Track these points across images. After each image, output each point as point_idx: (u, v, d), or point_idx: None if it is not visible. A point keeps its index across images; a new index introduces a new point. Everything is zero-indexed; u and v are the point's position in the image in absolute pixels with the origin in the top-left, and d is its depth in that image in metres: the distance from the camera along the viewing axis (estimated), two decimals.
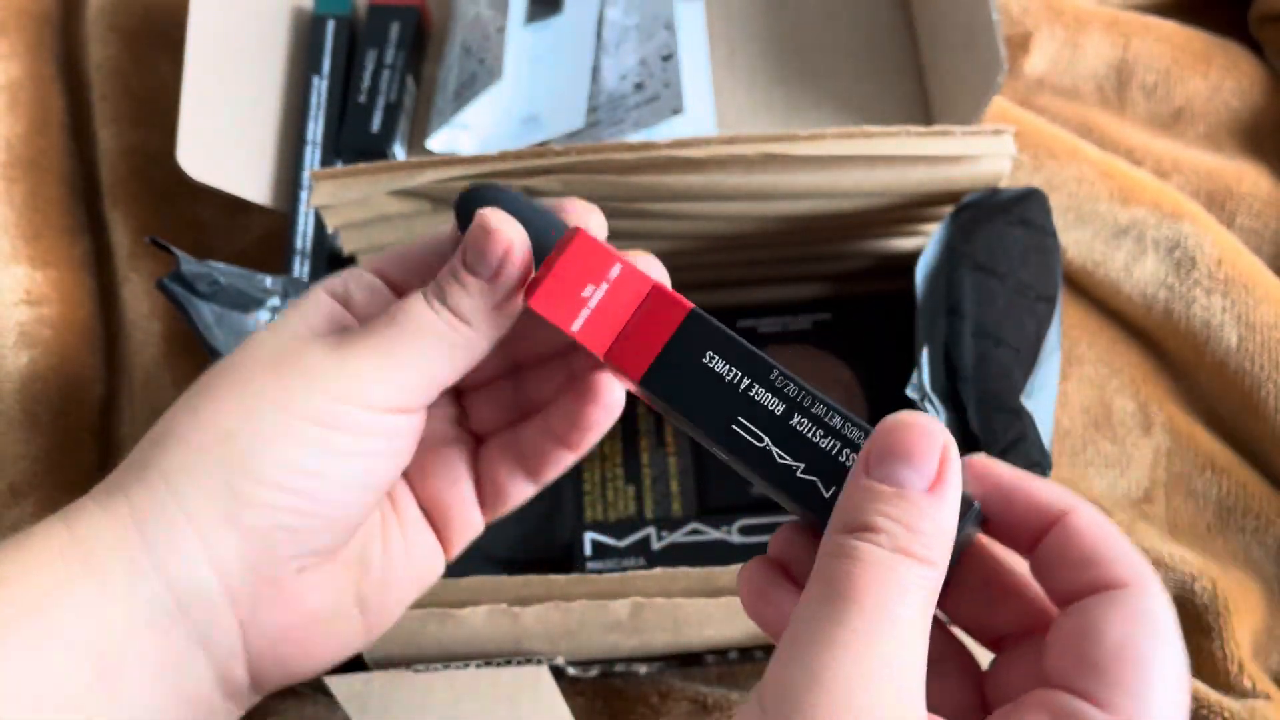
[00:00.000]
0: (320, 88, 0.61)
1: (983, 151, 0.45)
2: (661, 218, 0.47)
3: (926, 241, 0.47)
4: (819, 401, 0.26)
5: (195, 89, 0.55)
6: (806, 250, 0.52)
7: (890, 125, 0.44)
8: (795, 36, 0.63)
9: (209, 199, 0.59)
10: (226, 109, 0.57)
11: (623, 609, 0.40)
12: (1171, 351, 0.58)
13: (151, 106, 0.64)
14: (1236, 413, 0.55)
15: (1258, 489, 0.54)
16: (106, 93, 0.63)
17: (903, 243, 0.52)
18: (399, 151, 0.61)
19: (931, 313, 0.46)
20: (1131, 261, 0.58)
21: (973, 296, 0.46)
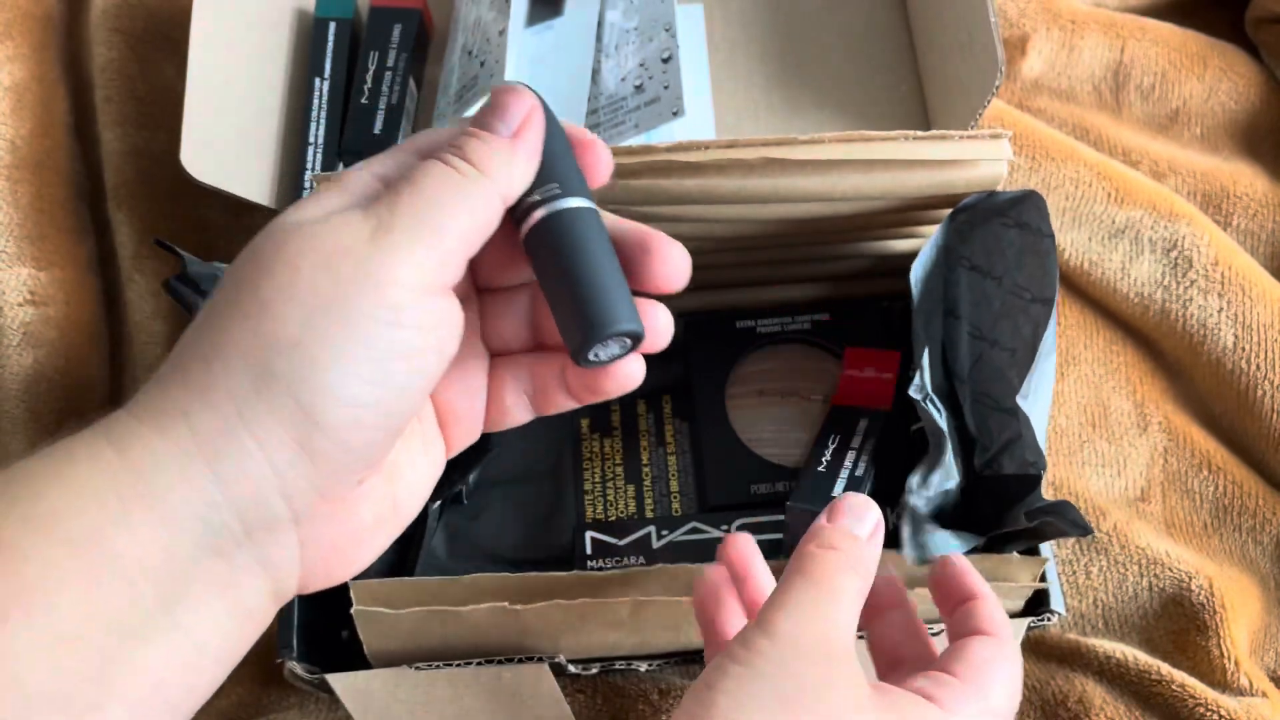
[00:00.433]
0: (322, 89, 0.61)
1: (980, 155, 0.45)
2: (661, 220, 0.48)
3: (924, 244, 0.48)
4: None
5: (199, 91, 0.55)
6: (805, 252, 0.53)
7: (888, 128, 0.44)
8: (794, 40, 0.64)
9: (213, 200, 0.60)
10: (230, 111, 0.58)
11: (623, 607, 0.40)
12: (1168, 351, 0.58)
13: (155, 108, 0.64)
14: (1233, 412, 0.56)
15: (1254, 488, 0.54)
16: (111, 95, 0.64)
17: (901, 244, 0.53)
18: None
19: (928, 314, 0.47)
20: (1128, 262, 0.58)
21: (969, 298, 0.47)
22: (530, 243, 0.30)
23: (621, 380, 0.31)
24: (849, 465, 0.47)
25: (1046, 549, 0.45)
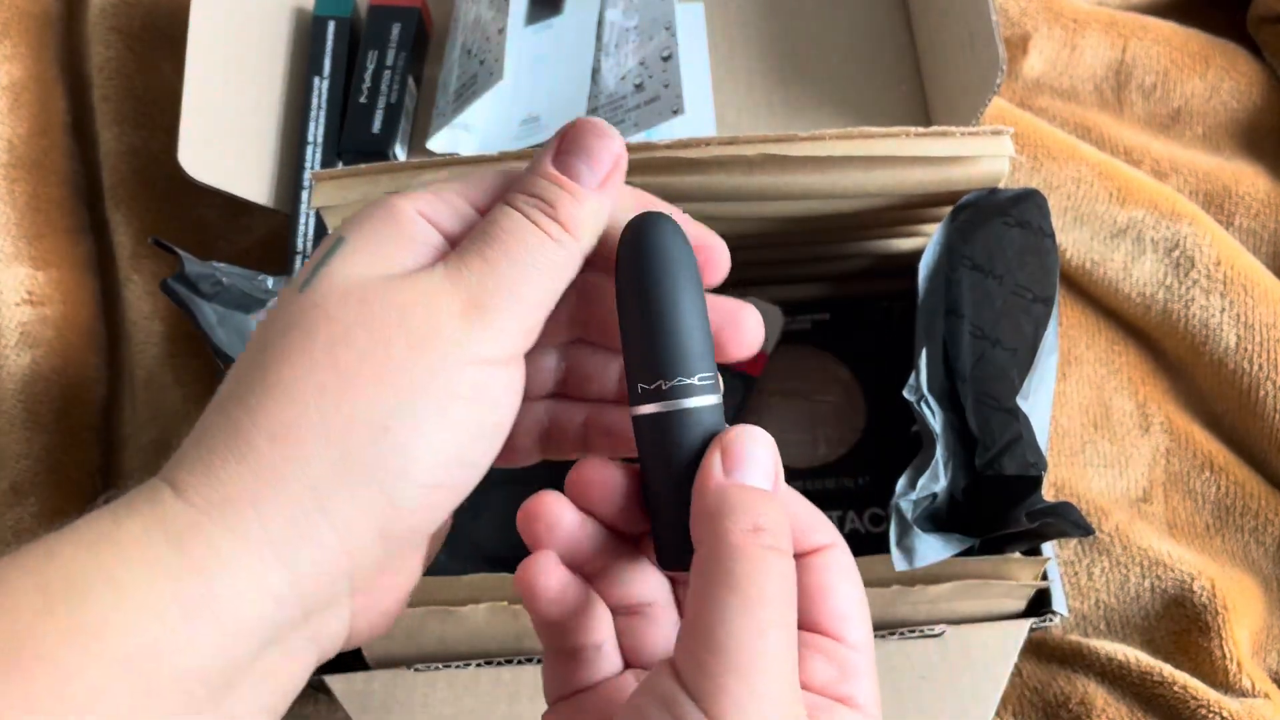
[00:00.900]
0: (321, 88, 0.61)
1: (981, 152, 0.45)
2: None
3: (926, 242, 0.48)
4: None
5: (197, 90, 0.55)
6: (806, 251, 0.52)
7: (889, 126, 0.44)
8: (795, 37, 0.63)
9: (211, 199, 0.60)
10: (228, 110, 0.58)
11: None
12: (1170, 351, 0.58)
13: (153, 107, 0.64)
14: (1235, 412, 0.56)
15: (1256, 488, 0.54)
16: (108, 94, 0.64)
17: (902, 243, 0.52)
18: (400, 152, 0.61)
19: (931, 313, 0.46)
20: (1130, 262, 0.58)
21: (970, 297, 0.46)
22: (639, 431, 0.27)
23: None
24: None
25: (1048, 549, 0.45)
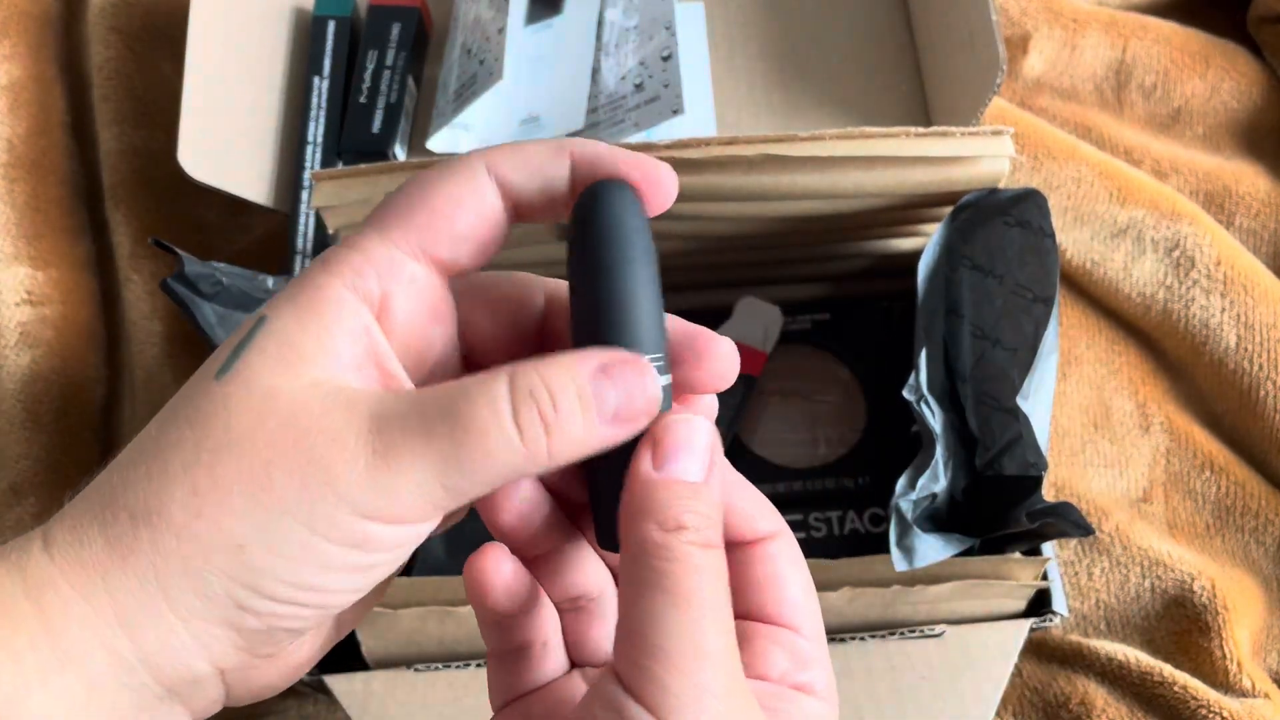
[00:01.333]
0: (321, 88, 0.61)
1: (982, 152, 0.45)
2: (661, 218, 0.47)
3: (925, 242, 0.48)
4: None
5: (196, 90, 0.55)
6: (806, 251, 0.52)
7: (889, 126, 0.44)
8: (795, 37, 0.63)
9: (210, 199, 0.60)
10: (228, 110, 0.57)
11: None
12: (1170, 351, 0.58)
13: (153, 107, 0.64)
14: (1235, 412, 0.56)
15: (1256, 488, 0.54)
16: (108, 94, 0.64)
17: (902, 243, 0.52)
18: (399, 152, 0.61)
19: (931, 313, 0.46)
20: (1130, 261, 0.58)
21: (971, 297, 0.46)
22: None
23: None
24: None
25: (1048, 549, 0.45)
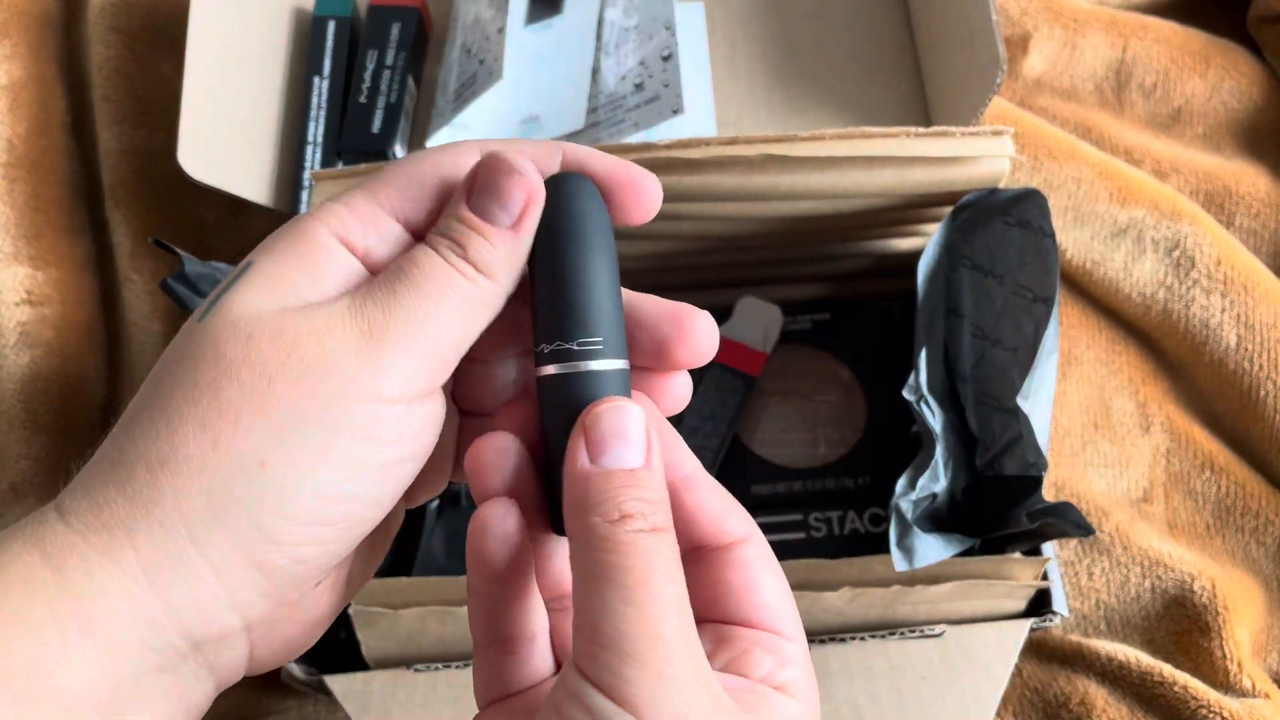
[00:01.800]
0: (321, 88, 0.61)
1: (982, 152, 0.45)
2: (661, 218, 0.47)
3: (925, 242, 0.47)
4: None
5: (196, 89, 0.55)
6: (806, 251, 0.52)
7: (890, 126, 0.44)
8: (795, 37, 0.63)
9: (210, 199, 0.60)
10: (227, 109, 0.57)
11: None
12: (1170, 351, 0.58)
13: (153, 107, 0.64)
14: (1235, 412, 0.55)
15: (1257, 488, 0.54)
16: (108, 93, 0.64)
17: (902, 243, 0.52)
18: (399, 152, 0.61)
19: (931, 313, 0.46)
20: (1130, 261, 0.58)
21: (971, 297, 0.46)
22: (541, 392, 0.26)
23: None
24: None
25: (1048, 549, 0.45)
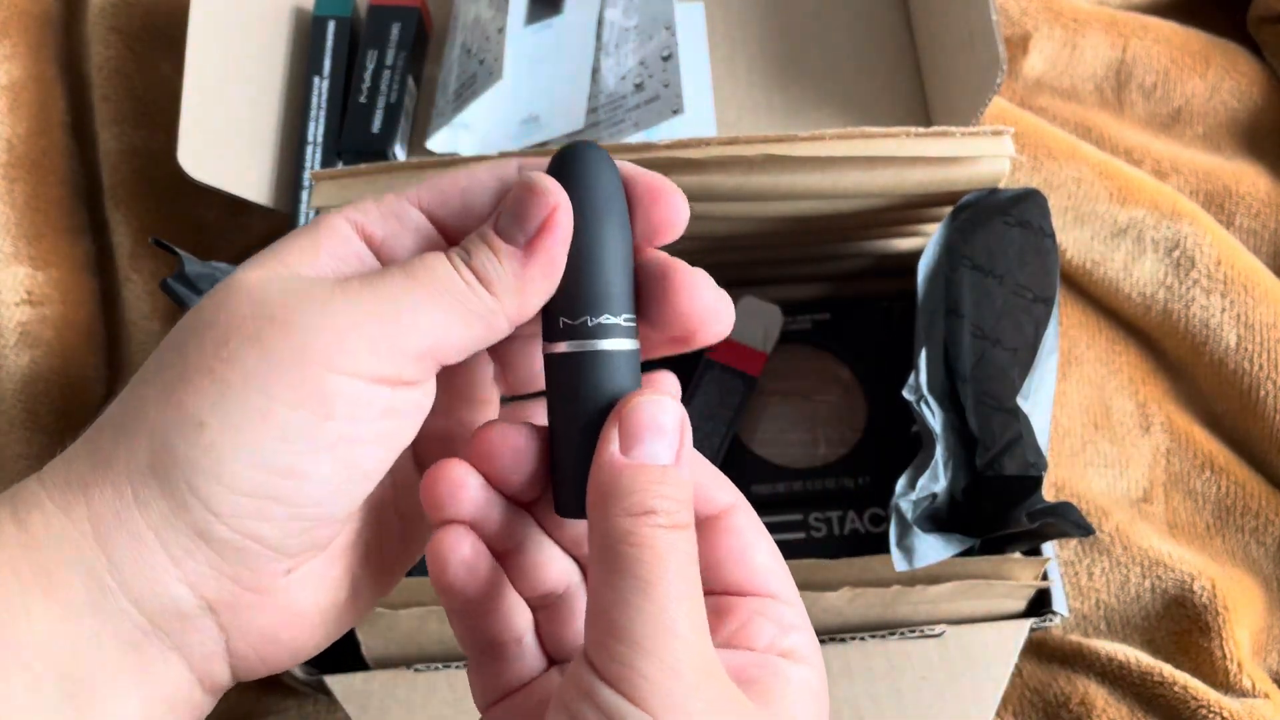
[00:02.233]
0: (321, 88, 0.61)
1: (982, 152, 0.45)
2: None
3: (925, 242, 0.47)
4: None
5: (196, 90, 0.55)
6: (806, 251, 0.52)
7: (890, 126, 0.44)
8: (795, 37, 0.63)
9: (210, 199, 0.60)
10: (227, 109, 0.57)
11: None
12: (1170, 351, 0.58)
13: (153, 107, 0.64)
14: (1235, 412, 0.55)
15: (1257, 488, 0.54)
16: (108, 93, 0.64)
17: (902, 243, 0.52)
18: (399, 152, 0.61)
19: (931, 313, 0.46)
20: (1130, 261, 0.58)
21: (971, 297, 0.46)
22: (549, 369, 0.26)
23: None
24: None
25: (1048, 549, 0.45)
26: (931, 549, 0.41)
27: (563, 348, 0.25)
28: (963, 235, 0.47)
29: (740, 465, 0.50)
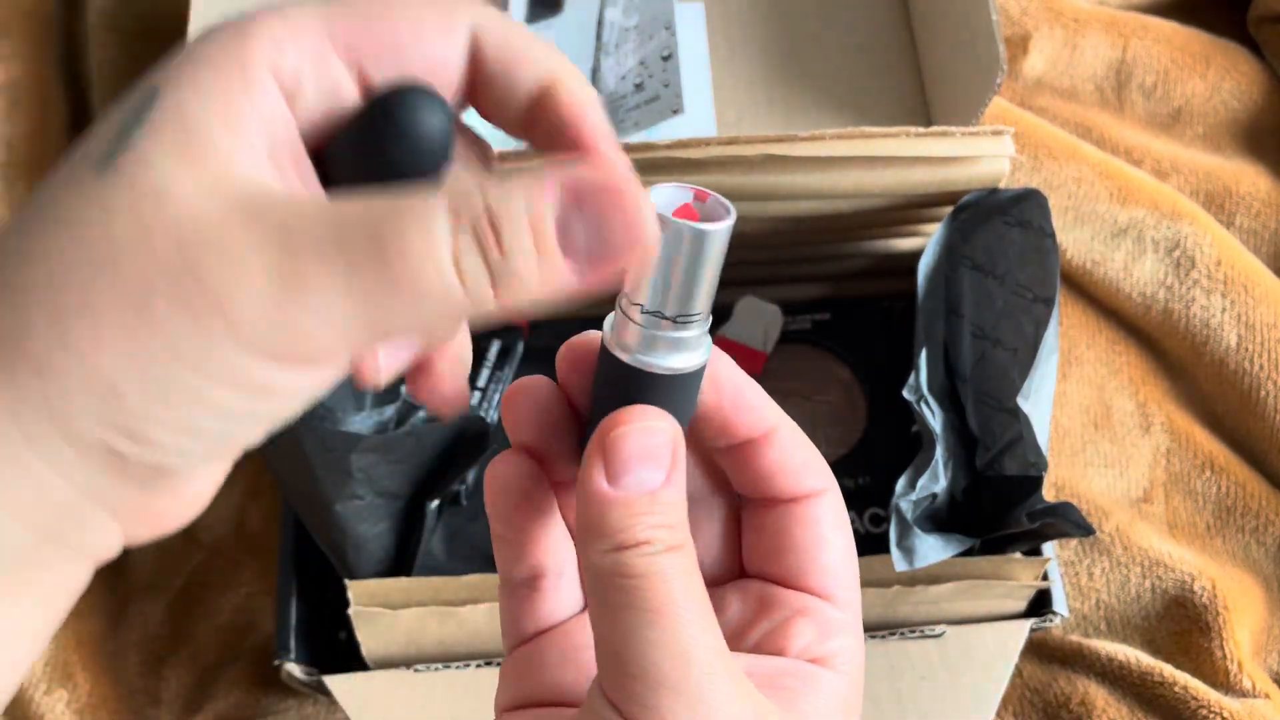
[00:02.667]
0: None
1: (982, 152, 0.45)
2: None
3: (926, 242, 0.48)
4: None
5: None
6: (806, 251, 0.52)
7: (890, 126, 0.44)
8: (795, 36, 0.63)
9: None
10: None
11: None
12: (1170, 351, 0.58)
13: None
14: (1236, 412, 0.55)
15: (1257, 489, 0.54)
16: (107, 94, 0.64)
17: (902, 243, 0.52)
18: None
19: (931, 313, 0.46)
20: (1131, 261, 0.58)
21: (971, 297, 0.46)
22: (602, 355, 0.24)
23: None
24: None
25: (1049, 549, 0.45)
26: (932, 549, 0.41)
27: (623, 357, 0.23)
28: (963, 235, 0.47)
29: None
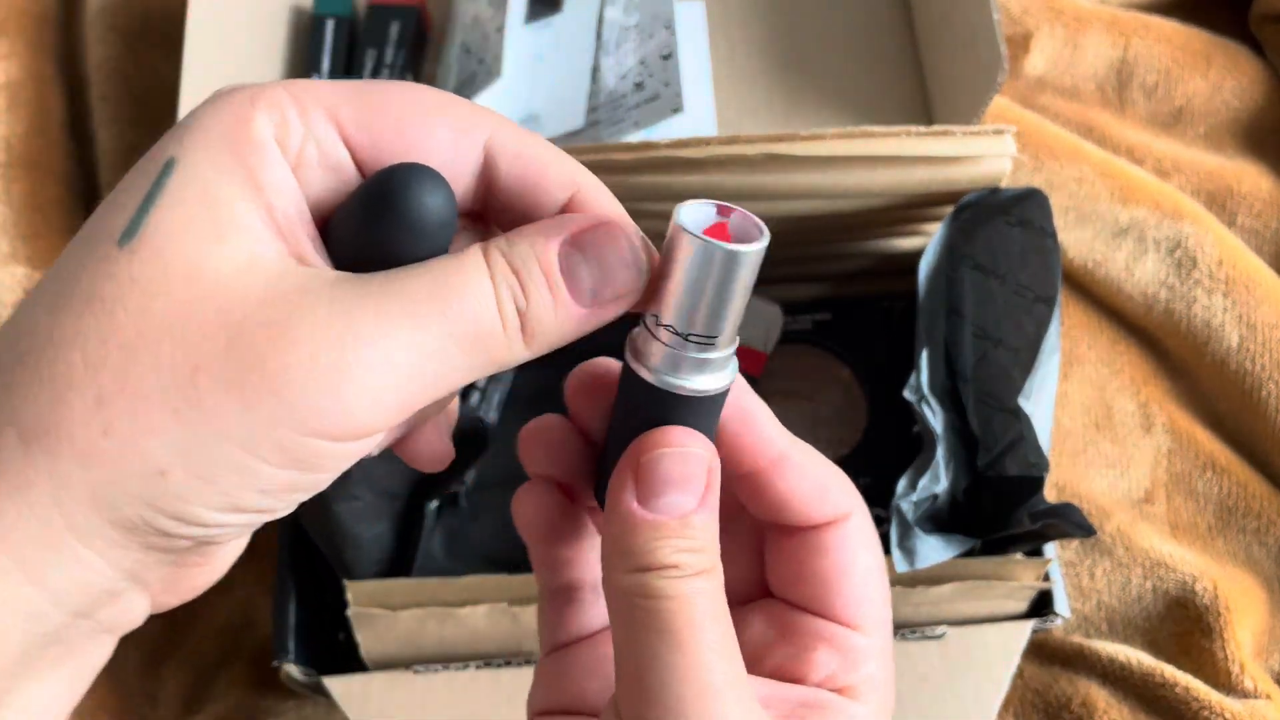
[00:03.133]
0: None
1: (983, 151, 0.45)
2: (662, 218, 0.47)
3: (926, 241, 0.47)
4: None
5: (195, 89, 0.55)
6: (807, 250, 0.52)
7: (891, 125, 0.44)
8: (795, 36, 0.63)
9: None
10: None
11: None
12: (1172, 351, 0.58)
13: (151, 107, 0.64)
14: (1237, 413, 0.55)
15: (1258, 489, 0.54)
16: (106, 93, 0.63)
17: (903, 243, 0.52)
18: None
19: (932, 313, 0.46)
20: (1132, 261, 0.58)
21: (972, 297, 0.46)
22: (625, 375, 0.23)
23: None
24: None
25: (1050, 550, 0.45)
26: (933, 550, 0.41)
27: (647, 376, 0.23)
28: (964, 235, 0.46)
29: None
